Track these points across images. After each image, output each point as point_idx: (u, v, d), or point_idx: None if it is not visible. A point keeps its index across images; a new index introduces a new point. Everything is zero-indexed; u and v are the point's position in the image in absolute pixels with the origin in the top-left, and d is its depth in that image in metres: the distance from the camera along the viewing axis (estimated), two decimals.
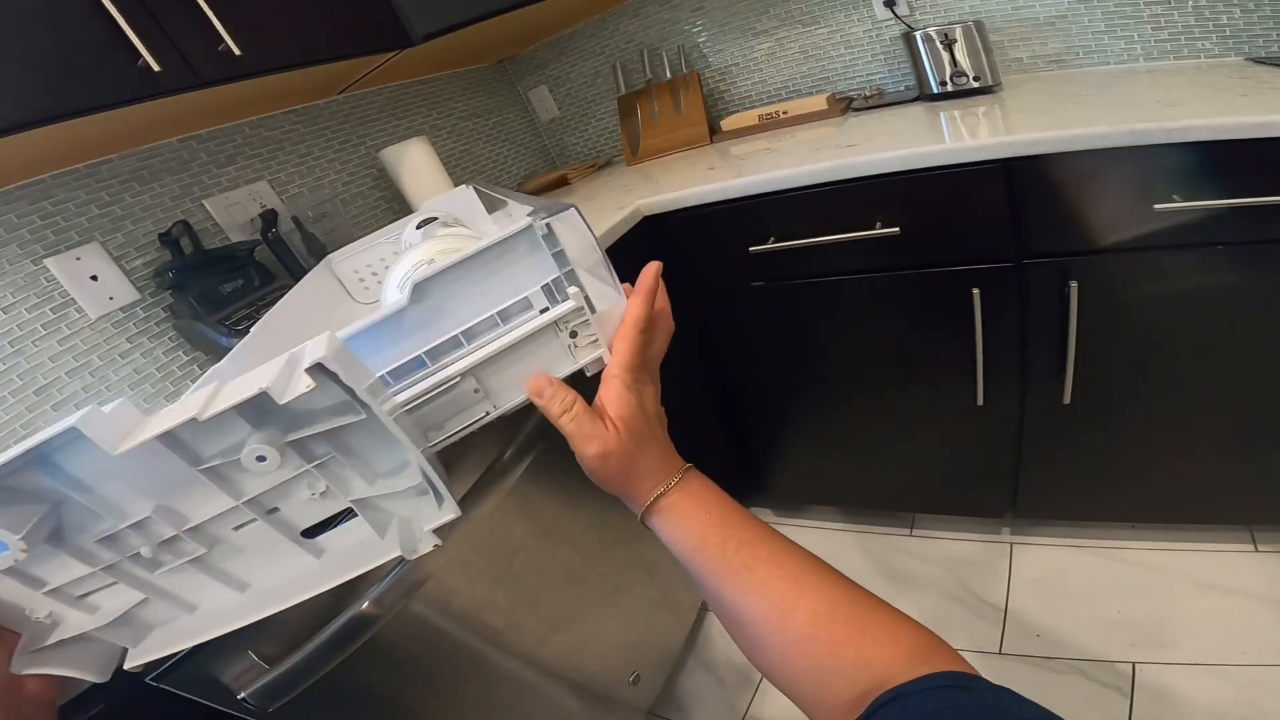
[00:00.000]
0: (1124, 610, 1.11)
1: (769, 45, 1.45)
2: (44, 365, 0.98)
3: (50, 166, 0.98)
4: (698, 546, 0.39)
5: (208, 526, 0.36)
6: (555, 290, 0.38)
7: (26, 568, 0.34)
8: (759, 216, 1.04)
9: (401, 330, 0.37)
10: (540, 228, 0.37)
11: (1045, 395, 1.03)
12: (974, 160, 0.87)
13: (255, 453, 0.33)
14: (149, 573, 0.37)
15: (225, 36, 0.86)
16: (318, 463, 0.36)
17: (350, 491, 0.38)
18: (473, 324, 0.38)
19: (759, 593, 0.36)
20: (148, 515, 0.34)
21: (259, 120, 1.23)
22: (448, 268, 0.37)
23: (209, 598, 0.39)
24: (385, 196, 1.43)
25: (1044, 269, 0.92)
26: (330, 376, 0.32)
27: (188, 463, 0.33)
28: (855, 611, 0.35)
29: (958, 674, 0.29)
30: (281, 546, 0.38)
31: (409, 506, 0.39)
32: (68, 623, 0.37)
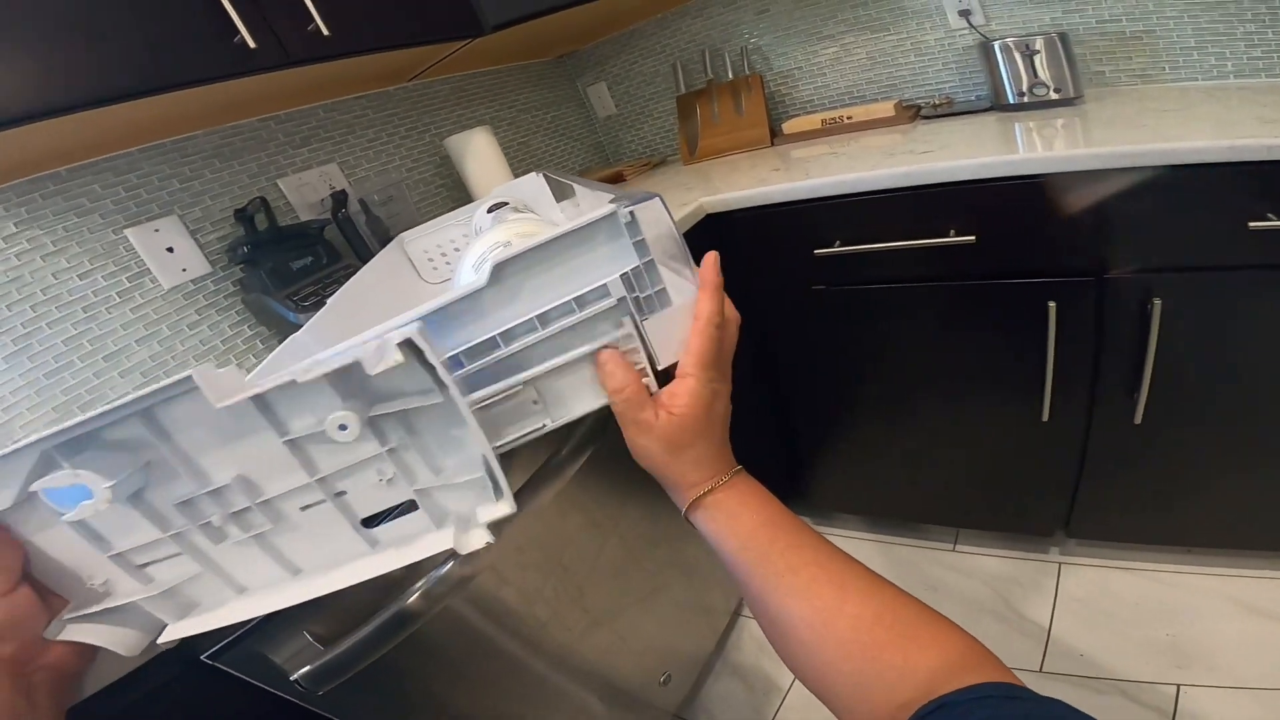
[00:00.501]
0: (1172, 633, 1.08)
1: (834, 50, 1.44)
2: (115, 332, 1.00)
3: (139, 140, 1.01)
4: (743, 545, 0.38)
5: (278, 502, 0.37)
6: (634, 280, 0.37)
7: (100, 525, 0.35)
8: (826, 220, 1.03)
9: (477, 311, 0.37)
10: (624, 215, 0.36)
11: (1115, 414, 1.00)
12: (1059, 171, 0.85)
13: (338, 420, 0.34)
14: (213, 545, 0.37)
15: (316, 17, 0.88)
16: (390, 448, 0.37)
17: (414, 480, 0.38)
18: (548, 308, 0.37)
19: (803, 596, 0.36)
20: (228, 483, 0.35)
21: (333, 104, 1.26)
22: (527, 250, 0.36)
23: (259, 577, 0.39)
24: (446, 184, 1.45)
25: (1126, 285, 0.89)
26: (416, 355, 0.32)
27: (275, 431, 0.34)
28: (901, 618, 0.34)
29: (1006, 684, 0.28)
30: (339, 531, 0.38)
31: (466, 501, 0.39)
32: (118, 591, 0.37)
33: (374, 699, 0.70)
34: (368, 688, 0.68)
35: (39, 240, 0.94)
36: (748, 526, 0.39)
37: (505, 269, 0.36)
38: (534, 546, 0.84)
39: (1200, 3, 1.06)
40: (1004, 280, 0.96)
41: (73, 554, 0.35)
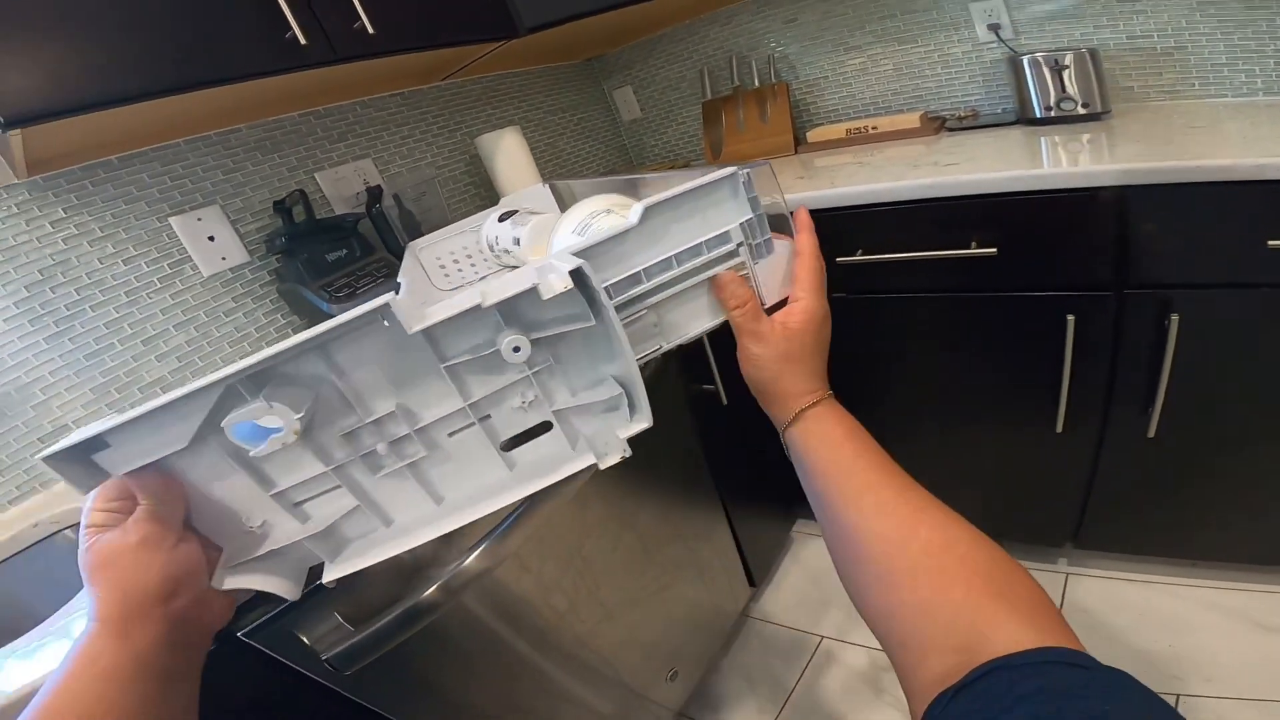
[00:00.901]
0: (1174, 644, 1.09)
1: (861, 60, 1.45)
2: (155, 316, 1.04)
3: (186, 132, 1.05)
4: (833, 459, 0.40)
5: (431, 429, 0.39)
6: (749, 230, 0.43)
7: (266, 464, 0.36)
8: (849, 228, 1.05)
9: (623, 249, 0.41)
10: (742, 175, 0.42)
11: (1129, 427, 1.01)
12: (1084, 186, 0.86)
13: (513, 343, 0.36)
14: (370, 476, 0.39)
15: (362, 15, 0.91)
16: (535, 370, 0.39)
17: (554, 402, 0.41)
18: (684, 248, 0.42)
19: (881, 513, 0.37)
20: (391, 411, 0.37)
21: (369, 100, 1.29)
22: (670, 197, 0.41)
23: (407, 511, 0.41)
24: (475, 182, 1.48)
25: (1145, 300, 0.90)
26: (582, 280, 0.35)
27: (438, 359, 0.36)
28: (973, 553, 0.33)
29: (1068, 650, 0.27)
30: (482, 456, 0.41)
31: (598, 422, 0.42)
32: (276, 533, 0.38)
33: (395, 682, 0.73)
34: (391, 671, 0.71)
35: (87, 226, 0.98)
36: (839, 441, 0.41)
37: (653, 212, 0.40)
38: (555, 538, 0.87)
39: (1233, 19, 1.06)
40: (1024, 293, 0.97)
41: (235, 497, 0.36)
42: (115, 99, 0.75)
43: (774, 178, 0.46)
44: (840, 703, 1.19)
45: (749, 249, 0.44)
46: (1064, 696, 0.24)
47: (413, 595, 0.69)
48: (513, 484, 0.41)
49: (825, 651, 1.28)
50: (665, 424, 1.17)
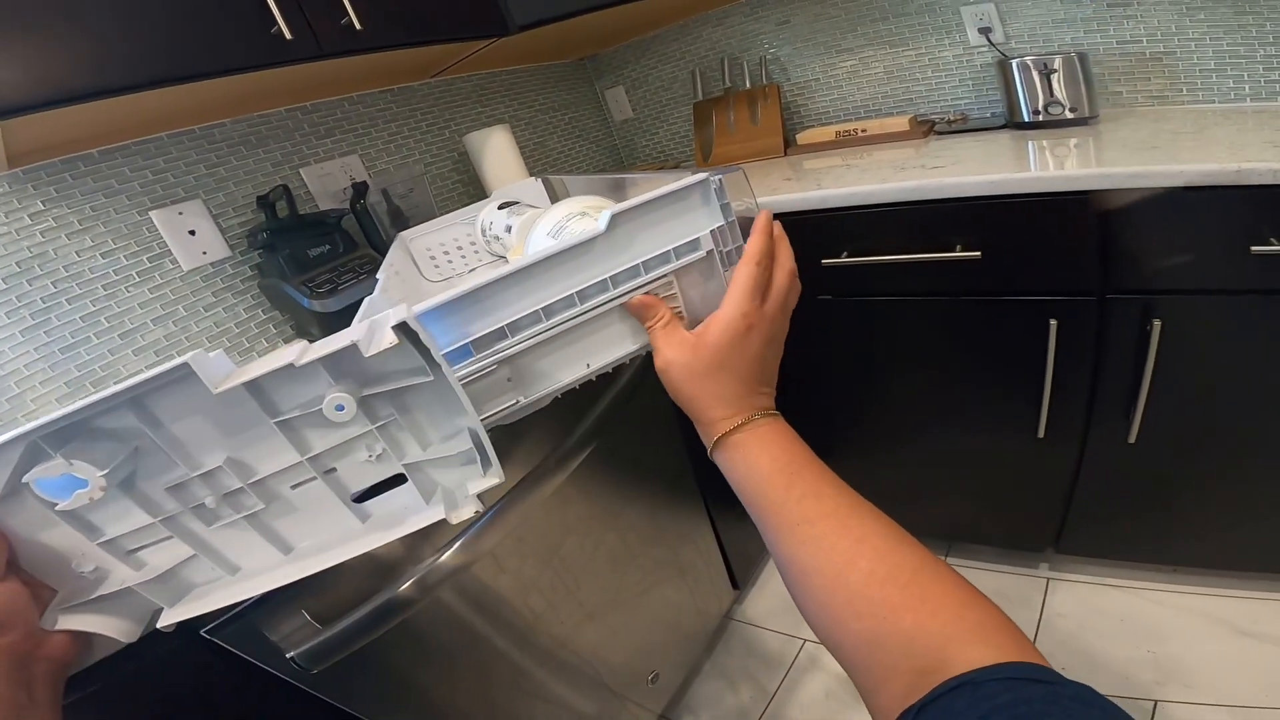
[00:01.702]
0: (1154, 650, 1.09)
1: (852, 63, 1.45)
2: (133, 310, 1.03)
3: (169, 125, 1.04)
4: (760, 491, 0.38)
5: (270, 482, 0.38)
6: (721, 236, 0.42)
7: (90, 513, 0.35)
8: (834, 230, 1.04)
9: (590, 257, 0.40)
10: (714, 181, 0.41)
11: (1110, 433, 1.01)
12: (1068, 190, 0.86)
13: (335, 402, 0.35)
14: (205, 527, 0.38)
15: (350, 10, 0.90)
16: (381, 424, 0.38)
17: (404, 455, 0.39)
18: (651, 256, 0.41)
19: (817, 548, 0.35)
20: (219, 465, 0.35)
21: (358, 97, 1.29)
22: (638, 204, 0.40)
23: (253, 558, 0.40)
24: (463, 180, 1.47)
25: (1127, 305, 0.90)
26: (409, 337, 0.34)
27: (267, 413, 0.35)
28: (918, 579, 0.32)
29: (1032, 665, 0.27)
30: (331, 508, 0.39)
31: (455, 474, 0.41)
32: (112, 578, 0.37)
33: (365, 681, 0.72)
34: (360, 670, 0.70)
35: (65, 218, 0.97)
36: (764, 471, 0.38)
37: (621, 219, 0.40)
38: (534, 536, 0.86)
39: (1222, 25, 1.06)
40: (1007, 297, 0.97)
41: (62, 543, 0.35)
42: (97, 92, 0.74)
43: (747, 183, 0.44)
44: (822, 707, 1.19)
45: (720, 256, 0.42)
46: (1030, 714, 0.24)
47: (384, 593, 0.68)
48: (365, 534, 0.40)
49: (808, 655, 1.28)
50: (650, 425, 1.16)
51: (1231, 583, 1.14)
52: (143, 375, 0.31)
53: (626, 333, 0.43)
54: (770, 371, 0.43)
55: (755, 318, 0.40)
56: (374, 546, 0.38)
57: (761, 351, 0.42)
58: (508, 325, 0.40)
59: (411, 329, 0.33)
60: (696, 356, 0.40)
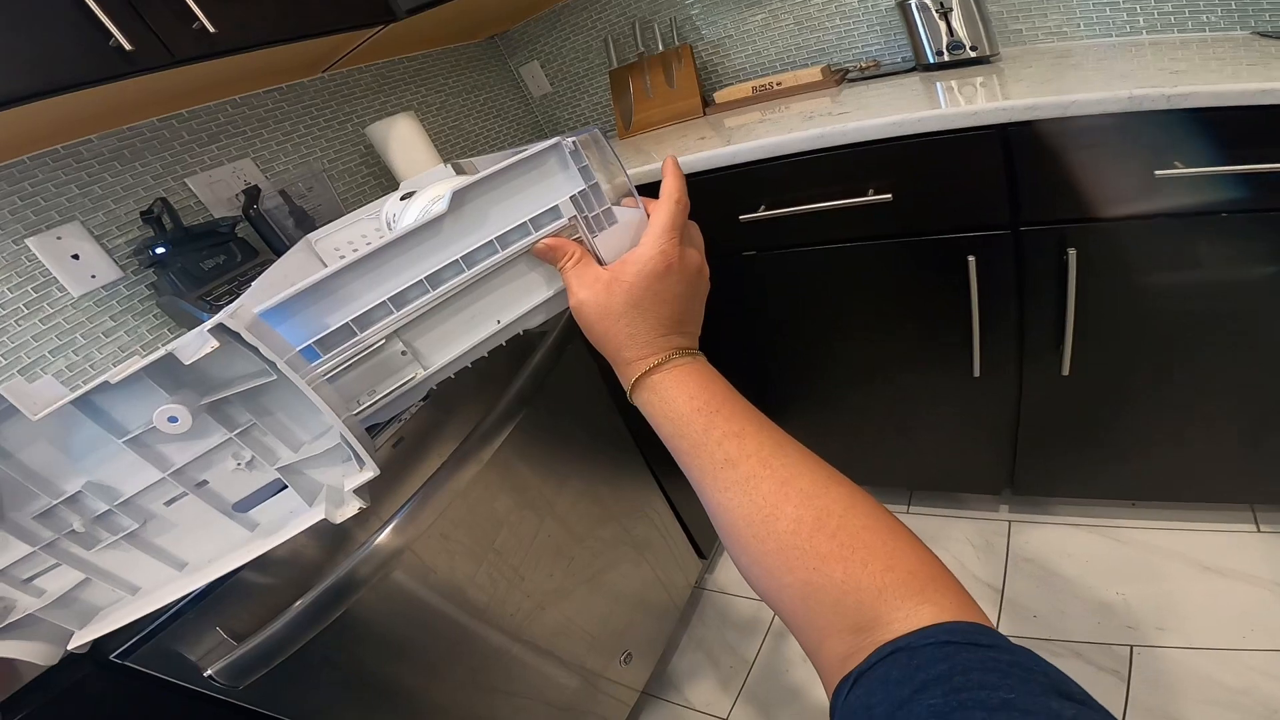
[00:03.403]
0: (1123, 591, 1.09)
1: (763, 17, 1.41)
2: (28, 344, 0.97)
3: (29, 148, 0.97)
4: (679, 432, 0.36)
5: (139, 500, 0.37)
6: (582, 201, 0.40)
7: None
8: (750, 185, 1.02)
9: (440, 240, 0.38)
10: (568, 145, 0.39)
11: (1044, 367, 1.01)
12: (968, 126, 0.84)
13: (166, 413, 0.34)
14: (86, 551, 0.37)
15: (198, 14, 0.84)
16: (240, 430, 0.37)
17: (275, 459, 0.38)
18: (506, 230, 0.39)
19: (740, 491, 0.33)
20: (79, 490, 0.35)
21: (241, 99, 1.22)
22: (484, 178, 0.38)
23: (147, 576, 0.39)
24: (374, 173, 1.42)
25: (1041, 236, 0.89)
26: (234, 337, 0.32)
27: (112, 434, 0.34)
28: (847, 525, 0.30)
29: (971, 626, 0.26)
30: (214, 520, 0.39)
31: (335, 471, 0.39)
32: (17, 606, 0.37)
33: (308, 688, 0.70)
34: (295, 677, 0.68)
35: None
36: (682, 411, 0.36)
37: (465, 195, 0.38)
38: (462, 532, 0.83)
39: None
40: (922, 237, 0.96)
41: None
42: None
43: (603, 143, 0.42)
44: (803, 670, 1.20)
45: (584, 222, 0.40)
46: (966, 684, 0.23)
47: (299, 603, 0.65)
48: (253, 540, 0.39)
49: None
50: (577, 400, 1.13)
51: (1196, 516, 1.15)
52: None
53: (539, 280, 0.41)
54: (692, 316, 0.41)
55: (674, 257, 0.38)
56: (263, 552, 0.38)
57: (680, 292, 0.39)
58: (353, 321, 0.37)
59: (232, 330, 0.32)
60: (611, 294, 0.38)
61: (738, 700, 1.19)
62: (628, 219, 0.42)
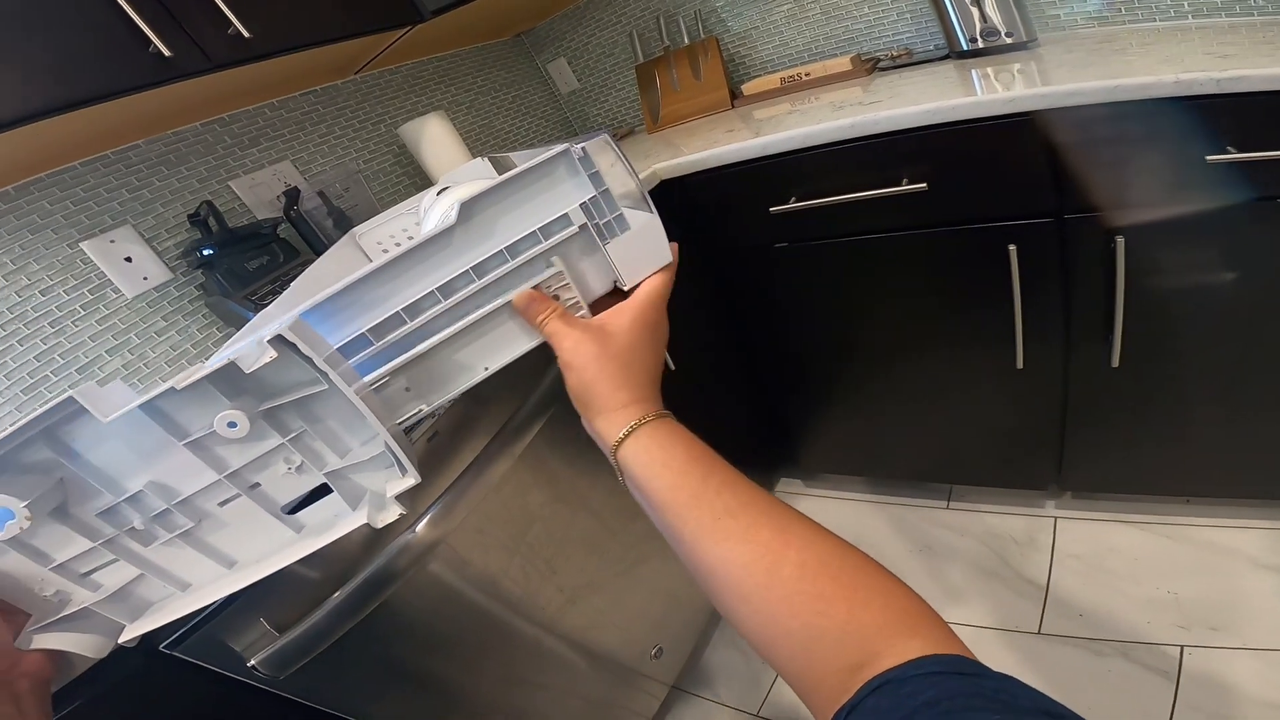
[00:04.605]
0: (1175, 590, 1.05)
1: (789, 7, 1.40)
2: (85, 344, 1.02)
3: (80, 154, 1.01)
4: (675, 484, 0.35)
5: (196, 500, 0.38)
6: (593, 208, 0.40)
7: (33, 540, 0.36)
8: (780, 177, 1.01)
9: (450, 250, 0.39)
10: (576, 151, 0.39)
11: (1091, 358, 0.98)
12: (1008, 113, 0.82)
13: (226, 419, 0.35)
14: (143, 548, 0.39)
15: (233, 19, 0.87)
16: (292, 436, 0.38)
17: (323, 465, 0.39)
18: (517, 239, 0.39)
19: (743, 539, 0.33)
20: (141, 489, 0.37)
21: (279, 102, 1.25)
22: (491, 189, 0.38)
23: (197, 573, 0.41)
24: (407, 172, 1.44)
25: (1087, 224, 0.86)
26: (290, 347, 0.33)
27: (174, 436, 0.36)
28: (846, 567, 0.31)
29: (955, 658, 0.26)
30: (263, 521, 0.40)
31: (379, 477, 0.41)
32: (72, 599, 0.39)
33: (341, 680, 0.72)
34: (334, 668, 0.69)
35: None
36: (681, 461, 0.36)
37: (473, 206, 0.38)
38: (494, 526, 0.85)
39: None
40: (959, 226, 0.94)
41: (20, 571, 0.37)
42: None
43: (614, 148, 0.42)
44: None
45: (595, 229, 0.40)
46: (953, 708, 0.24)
47: (337, 596, 0.67)
48: (298, 541, 0.40)
49: None
50: None
51: (1250, 513, 1.10)
52: (36, 412, 0.33)
53: (518, 330, 0.42)
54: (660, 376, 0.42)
55: (663, 314, 0.41)
56: (307, 553, 0.39)
57: (662, 355, 0.41)
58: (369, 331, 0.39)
59: (289, 340, 0.33)
60: (605, 346, 0.39)
61: (768, 697, 1.19)
62: (640, 224, 0.42)
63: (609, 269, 0.42)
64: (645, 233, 0.42)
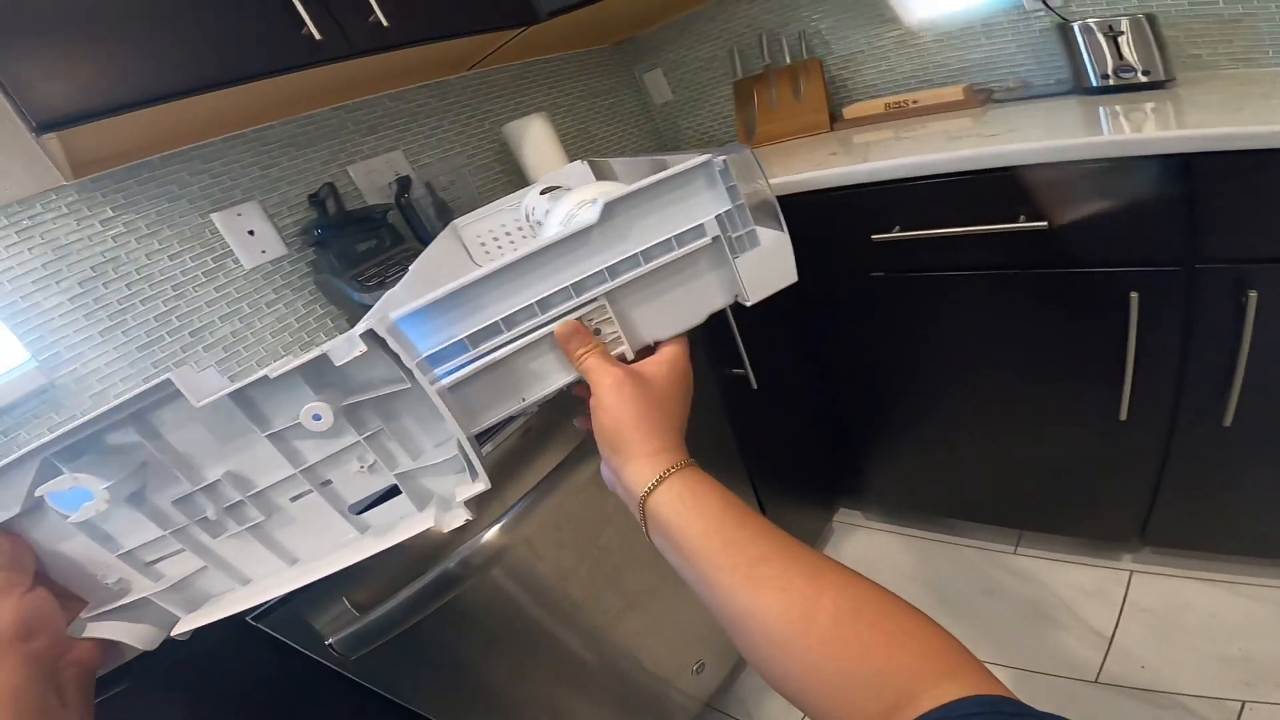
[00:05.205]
0: (1245, 648, 1.01)
1: (899, 33, 1.38)
2: (200, 310, 1.08)
3: (221, 130, 1.08)
4: (709, 530, 0.35)
5: (269, 494, 0.39)
6: (728, 221, 0.40)
7: (106, 524, 0.36)
8: (885, 204, 1.00)
9: (587, 249, 0.39)
10: (718, 163, 0.38)
11: (1201, 415, 0.93)
12: (1146, 154, 0.79)
13: (312, 411, 0.35)
14: (212, 539, 0.39)
15: (375, 8, 0.91)
16: (368, 434, 0.38)
17: (395, 465, 0.39)
18: (651, 244, 0.39)
19: (777, 586, 0.32)
20: (219, 478, 0.37)
21: (397, 93, 1.31)
22: (634, 192, 0.38)
23: (259, 568, 0.40)
24: (505, 170, 1.48)
25: (1218, 275, 0.82)
26: (379, 344, 0.34)
27: (257, 426, 0.36)
28: (882, 612, 0.31)
29: (996, 698, 0.26)
30: (330, 519, 0.40)
31: (448, 481, 0.40)
32: (132, 588, 0.39)
33: (404, 669, 0.73)
34: (399, 656, 0.71)
35: (134, 224, 1.02)
36: (714, 509, 0.36)
37: (615, 208, 0.39)
38: (571, 525, 0.86)
39: None
40: (1080, 269, 0.91)
41: (86, 555, 0.37)
42: (138, 102, 0.77)
43: (756, 164, 0.42)
44: None
45: (728, 242, 0.40)
46: None
47: (419, 581, 0.69)
48: (362, 541, 0.40)
49: None
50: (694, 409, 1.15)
51: None
52: (134, 391, 0.33)
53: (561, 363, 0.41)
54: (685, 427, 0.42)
55: (690, 369, 0.42)
56: (370, 554, 0.38)
57: (689, 403, 0.42)
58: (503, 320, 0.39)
59: (379, 336, 0.33)
60: (644, 391, 0.39)
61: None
62: (770, 243, 0.42)
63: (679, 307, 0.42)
64: (775, 250, 0.42)
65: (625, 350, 0.41)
